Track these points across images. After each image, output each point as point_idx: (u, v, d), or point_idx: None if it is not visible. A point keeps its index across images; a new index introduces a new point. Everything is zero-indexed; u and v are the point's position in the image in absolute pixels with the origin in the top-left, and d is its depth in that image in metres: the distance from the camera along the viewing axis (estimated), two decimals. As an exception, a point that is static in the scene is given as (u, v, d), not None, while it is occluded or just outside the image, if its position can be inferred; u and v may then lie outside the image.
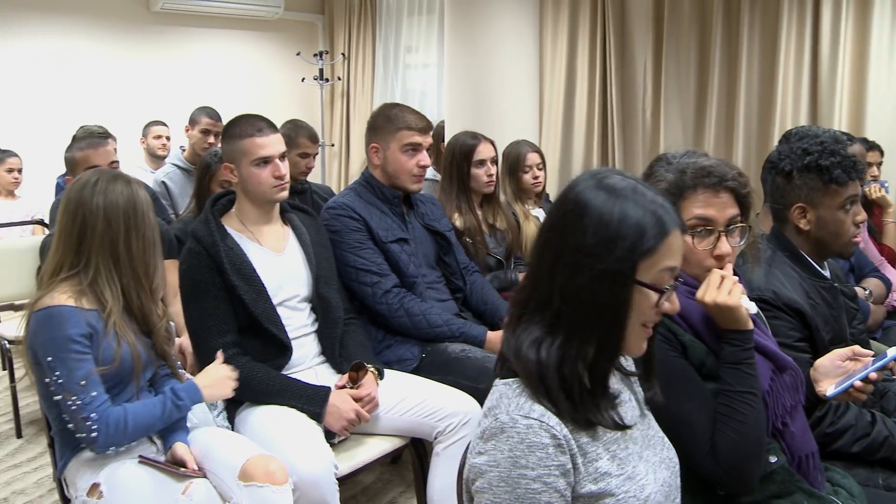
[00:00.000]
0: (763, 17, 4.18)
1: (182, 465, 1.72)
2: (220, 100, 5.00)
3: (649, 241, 1.02)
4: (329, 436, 1.97)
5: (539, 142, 4.75)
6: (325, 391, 2.00)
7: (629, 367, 1.22)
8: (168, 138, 4.74)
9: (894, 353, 1.47)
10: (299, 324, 2.14)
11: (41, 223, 4.39)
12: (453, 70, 4.50)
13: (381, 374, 2.15)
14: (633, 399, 1.19)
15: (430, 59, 6.39)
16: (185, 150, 3.88)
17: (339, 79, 7.07)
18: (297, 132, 3.27)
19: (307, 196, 3.30)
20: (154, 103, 6.02)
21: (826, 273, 1.87)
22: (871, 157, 3.38)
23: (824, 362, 1.55)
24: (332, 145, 7.14)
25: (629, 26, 4.82)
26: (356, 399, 2.01)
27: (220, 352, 1.93)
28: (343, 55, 7.01)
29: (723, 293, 1.33)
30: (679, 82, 4.55)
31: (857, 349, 1.54)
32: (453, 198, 3.00)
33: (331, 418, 1.96)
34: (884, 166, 3.51)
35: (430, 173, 3.63)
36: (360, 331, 2.31)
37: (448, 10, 4.53)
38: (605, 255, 1.01)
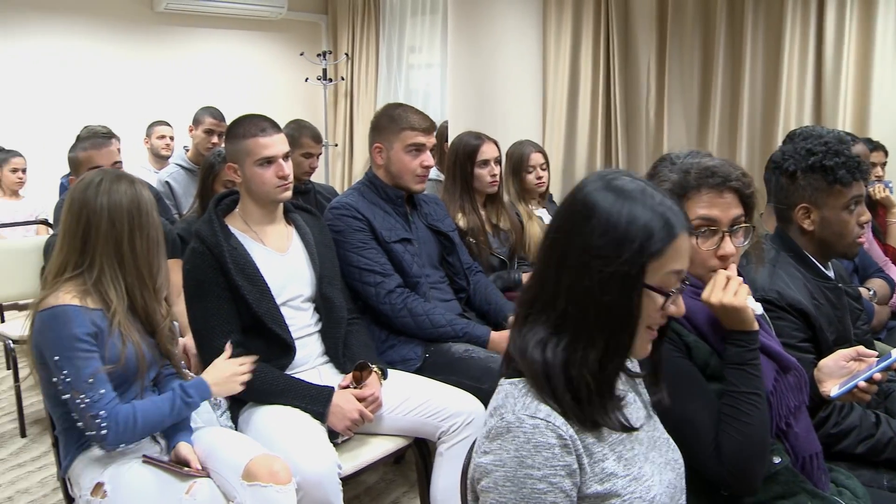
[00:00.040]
0: (767, 17, 4.18)
1: (186, 464, 1.72)
2: (224, 100, 5.03)
3: (657, 243, 1.02)
4: (332, 436, 1.97)
5: (542, 142, 4.74)
6: (328, 391, 2.00)
7: (634, 369, 1.21)
8: (171, 138, 4.74)
9: (899, 353, 1.47)
10: (303, 324, 2.14)
11: (45, 223, 4.41)
12: (457, 70, 4.50)
13: (384, 374, 2.15)
14: (639, 400, 1.19)
15: (433, 59, 6.39)
16: (188, 150, 3.88)
17: (343, 79, 7.08)
18: (301, 132, 3.27)
19: (311, 196, 3.30)
20: (158, 103, 6.04)
21: (830, 273, 1.86)
22: (875, 157, 3.38)
23: (828, 363, 1.54)
24: (336, 145, 7.15)
25: (633, 26, 4.82)
26: (360, 399, 2.01)
27: (228, 344, 1.93)
28: (346, 55, 7.01)
29: (729, 294, 1.33)
30: (683, 82, 4.54)
31: (861, 350, 1.54)
32: (457, 198, 3.00)
33: (334, 418, 1.96)
34: (888, 166, 3.50)
35: (434, 173, 3.63)
36: (363, 331, 2.31)
37: (451, 10, 4.53)
38: (612, 257, 1.01)
